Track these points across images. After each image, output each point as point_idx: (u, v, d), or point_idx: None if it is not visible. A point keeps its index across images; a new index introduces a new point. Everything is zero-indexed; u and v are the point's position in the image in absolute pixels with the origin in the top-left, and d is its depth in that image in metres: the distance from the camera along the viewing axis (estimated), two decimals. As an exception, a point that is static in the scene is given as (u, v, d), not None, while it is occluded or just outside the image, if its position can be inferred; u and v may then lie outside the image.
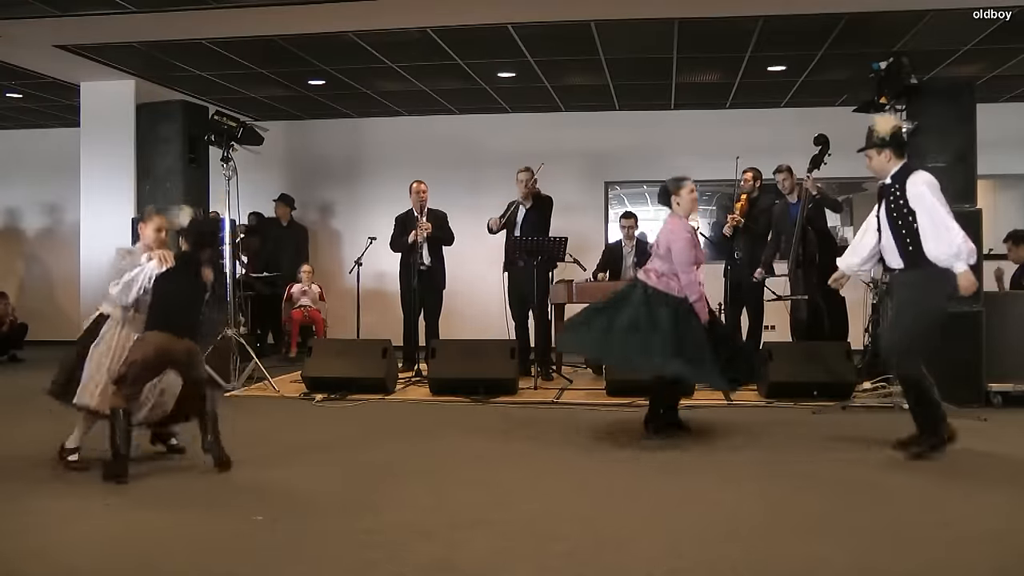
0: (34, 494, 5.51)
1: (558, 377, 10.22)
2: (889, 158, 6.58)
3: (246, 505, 5.28)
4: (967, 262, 6.28)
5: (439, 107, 13.40)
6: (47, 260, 15.20)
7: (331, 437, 7.38)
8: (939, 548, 4.44)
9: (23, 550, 4.45)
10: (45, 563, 4.28)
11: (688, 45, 10.03)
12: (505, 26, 9.36)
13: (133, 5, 8.62)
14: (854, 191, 13.18)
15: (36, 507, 5.24)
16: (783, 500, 5.32)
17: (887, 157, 6.58)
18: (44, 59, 10.60)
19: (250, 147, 10.02)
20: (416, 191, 10.88)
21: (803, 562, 4.22)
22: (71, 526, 4.90)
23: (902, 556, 4.30)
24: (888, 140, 6.56)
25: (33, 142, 14.89)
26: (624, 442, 7.00)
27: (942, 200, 6.40)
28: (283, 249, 13.51)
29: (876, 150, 6.61)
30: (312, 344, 9.87)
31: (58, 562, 4.30)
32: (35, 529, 4.81)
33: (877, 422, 7.66)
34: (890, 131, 6.57)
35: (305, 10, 8.70)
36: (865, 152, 6.67)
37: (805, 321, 9.63)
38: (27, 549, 4.47)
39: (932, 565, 4.22)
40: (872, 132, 6.63)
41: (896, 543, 4.49)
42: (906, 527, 4.77)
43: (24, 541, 4.60)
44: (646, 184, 13.66)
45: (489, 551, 4.40)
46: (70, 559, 4.35)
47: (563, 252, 9.96)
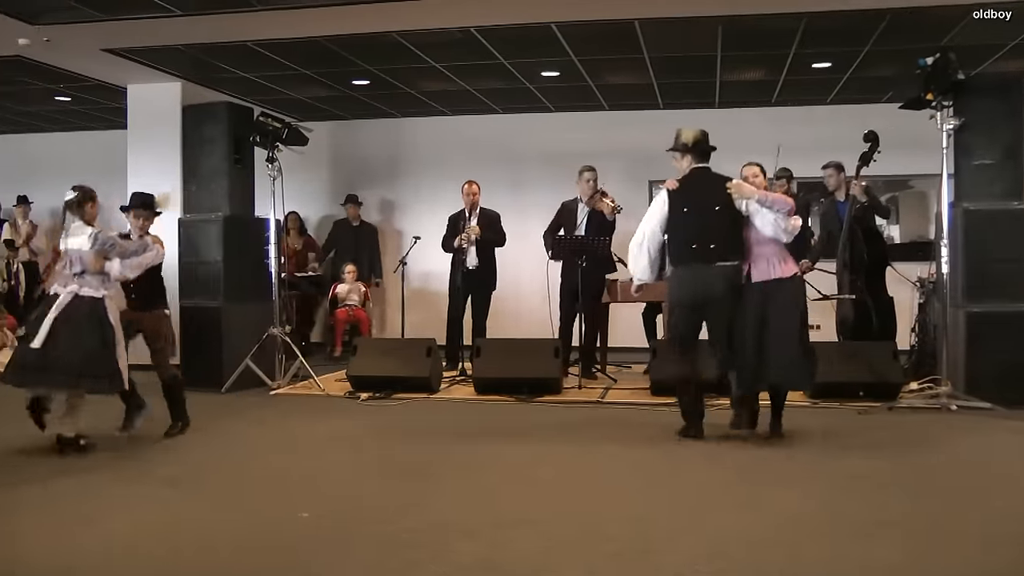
0: (79, 486, 5.59)
1: (602, 376, 10.20)
2: (690, 163, 7.28)
3: (291, 502, 5.31)
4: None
5: (482, 106, 13.40)
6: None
7: (376, 436, 7.43)
8: (991, 548, 4.38)
9: (77, 543, 4.52)
10: (88, 554, 4.34)
11: (732, 43, 9.96)
12: (548, 25, 9.33)
13: (179, 8, 8.70)
14: (901, 189, 13.04)
15: (91, 497, 5.31)
16: (830, 502, 5.27)
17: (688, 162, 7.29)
18: (92, 63, 10.72)
19: (295, 147, 10.10)
20: (467, 192, 10.94)
21: (850, 564, 4.18)
22: (122, 517, 4.95)
23: (952, 557, 4.25)
24: (689, 146, 7.29)
25: (80, 144, 15.03)
26: (669, 442, 6.98)
27: (649, 213, 7.31)
28: (360, 249, 13.60)
29: (680, 154, 7.37)
30: (357, 343, 9.93)
31: (100, 556, 4.34)
32: (88, 522, 4.87)
33: (924, 423, 7.58)
34: (692, 138, 7.30)
35: (349, 11, 8.73)
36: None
37: (852, 321, 9.55)
38: (82, 543, 4.53)
39: (984, 566, 4.17)
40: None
41: (946, 544, 4.44)
42: (956, 528, 4.71)
43: (82, 533, 4.66)
44: (690, 183, 13.57)
45: (534, 551, 4.39)
46: (112, 553, 4.39)
47: (608, 252, 9.94)
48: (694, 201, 7.05)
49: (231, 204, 10.07)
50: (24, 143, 15.40)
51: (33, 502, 5.30)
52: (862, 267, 9.46)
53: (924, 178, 12.23)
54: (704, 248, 6.90)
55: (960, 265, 8.40)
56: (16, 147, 15.44)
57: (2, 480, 5.78)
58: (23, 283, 13.81)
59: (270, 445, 6.96)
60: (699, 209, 7.01)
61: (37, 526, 4.83)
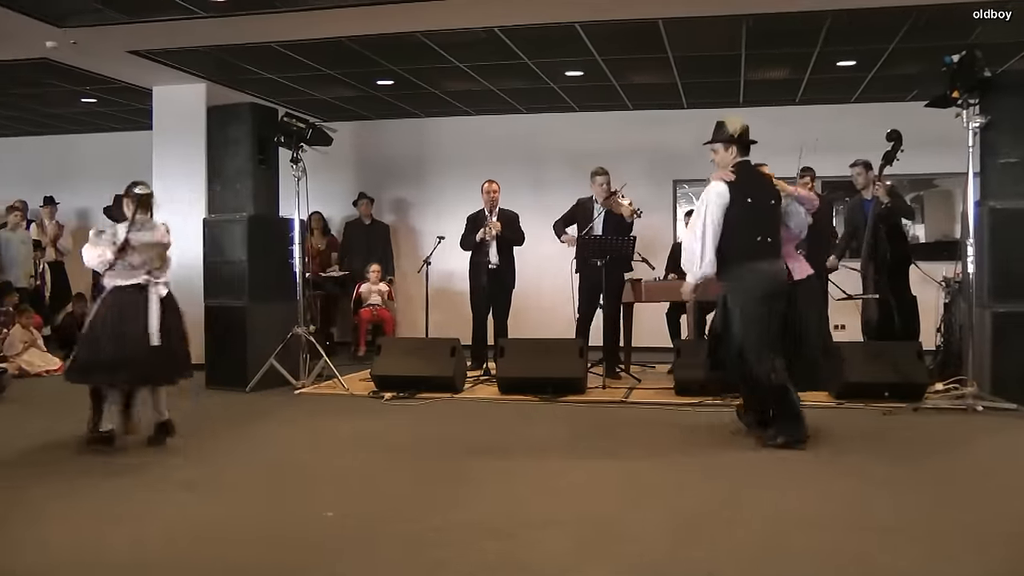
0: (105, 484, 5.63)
1: (625, 376, 10.19)
2: (735, 155, 6.83)
3: (316, 501, 5.33)
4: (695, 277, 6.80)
5: (506, 106, 13.42)
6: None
7: (400, 435, 7.44)
8: (1017, 550, 4.36)
9: (106, 540, 4.55)
10: (117, 553, 4.37)
11: (756, 41, 9.93)
12: (572, 25, 9.34)
13: (204, 10, 8.75)
14: (925, 188, 12.98)
15: (118, 497, 5.35)
16: (855, 502, 5.24)
17: (733, 154, 6.83)
18: (117, 65, 10.80)
19: (319, 148, 10.13)
20: (487, 191, 10.96)
21: (876, 566, 4.17)
22: (148, 515, 4.97)
23: (977, 559, 4.23)
24: (736, 137, 6.79)
25: (106, 145, 15.14)
26: (694, 442, 6.98)
27: (708, 205, 6.68)
28: (373, 247, 13.64)
29: (724, 145, 6.86)
30: (381, 343, 9.95)
31: (128, 554, 4.36)
32: (117, 520, 4.91)
33: (949, 424, 7.54)
34: (739, 129, 6.81)
35: (373, 11, 8.76)
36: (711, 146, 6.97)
37: (876, 321, 9.51)
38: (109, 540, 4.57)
39: (1009, 568, 4.15)
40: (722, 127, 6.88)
41: (972, 546, 4.41)
42: (979, 531, 4.67)
43: (110, 531, 4.70)
44: (714, 183, 13.55)
45: (560, 551, 4.39)
46: (141, 551, 4.41)
47: (632, 251, 9.93)
48: (754, 194, 6.82)
49: (256, 204, 10.10)
50: (51, 144, 15.54)
51: (58, 499, 5.35)
52: (885, 266, 9.42)
53: (949, 177, 12.18)
54: (774, 242, 6.81)
55: (986, 264, 8.33)
56: (43, 148, 15.59)
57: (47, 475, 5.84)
58: (48, 282, 13.91)
59: (294, 444, 6.98)
60: (760, 203, 6.83)
61: (62, 523, 4.87)
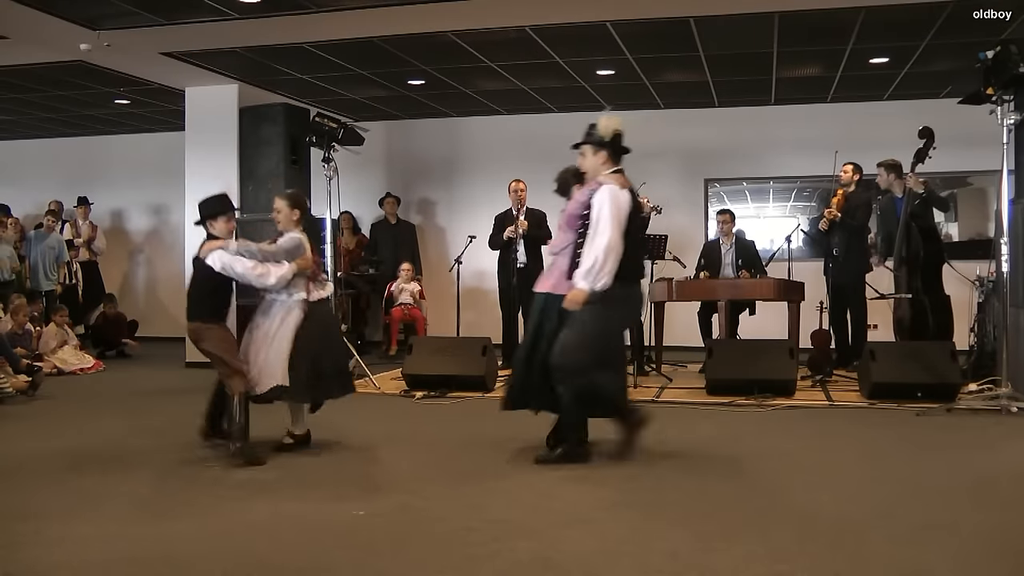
0: (136, 487, 5.68)
1: (655, 374, 10.17)
2: (604, 160, 6.28)
3: (347, 499, 5.36)
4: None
5: (537, 105, 13.41)
6: (152, 260, 15.65)
7: (431, 434, 7.47)
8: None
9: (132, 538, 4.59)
10: (144, 550, 4.41)
11: (788, 39, 9.89)
12: (604, 24, 9.33)
13: (236, 12, 8.80)
14: (959, 186, 12.87)
15: (155, 494, 5.40)
16: (887, 504, 5.20)
17: (602, 159, 6.29)
18: (151, 66, 10.88)
19: (351, 148, 10.17)
20: (514, 190, 10.97)
21: (907, 569, 4.15)
22: (182, 513, 5.01)
23: (1003, 566, 4.20)
24: (606, 142, 6.26)
25: (139, 146, 15.30)
26: (725, 442, 6.96)
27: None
28: (400, 246, 13.67)
29: (593, 149, 6.31)
30: (412, 342, 9.97)
31: (161, 553, 4.40)
32: (157, 518, 4.95)
33: (983, 425, 7.48)
34: (611, 133, 6.28)
35: (404, 11, 8.78)
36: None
37: (908, 320, 9.45)
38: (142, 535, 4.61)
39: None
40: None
41: (997, 551, 4.37)
42: (1009, 535, 4.63)
43: (145, 530, 4.74)
44: (746, 181, 13.54)
45: (591, 550, 4.39)
46: (174, 549, 4.44)
47: (663, 250, 9.91)
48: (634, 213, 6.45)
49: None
50: (85, 145, 15.71)
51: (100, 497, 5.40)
52: (918, 265, 9.36)
53: (983, 174, 12.09)
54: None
55: (1020, 263, 8.25)
56: (77, 149, 15.76)
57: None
58: (81, 282, 14.03)
59: (325, 442, 7.00)
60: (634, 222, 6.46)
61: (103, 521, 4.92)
